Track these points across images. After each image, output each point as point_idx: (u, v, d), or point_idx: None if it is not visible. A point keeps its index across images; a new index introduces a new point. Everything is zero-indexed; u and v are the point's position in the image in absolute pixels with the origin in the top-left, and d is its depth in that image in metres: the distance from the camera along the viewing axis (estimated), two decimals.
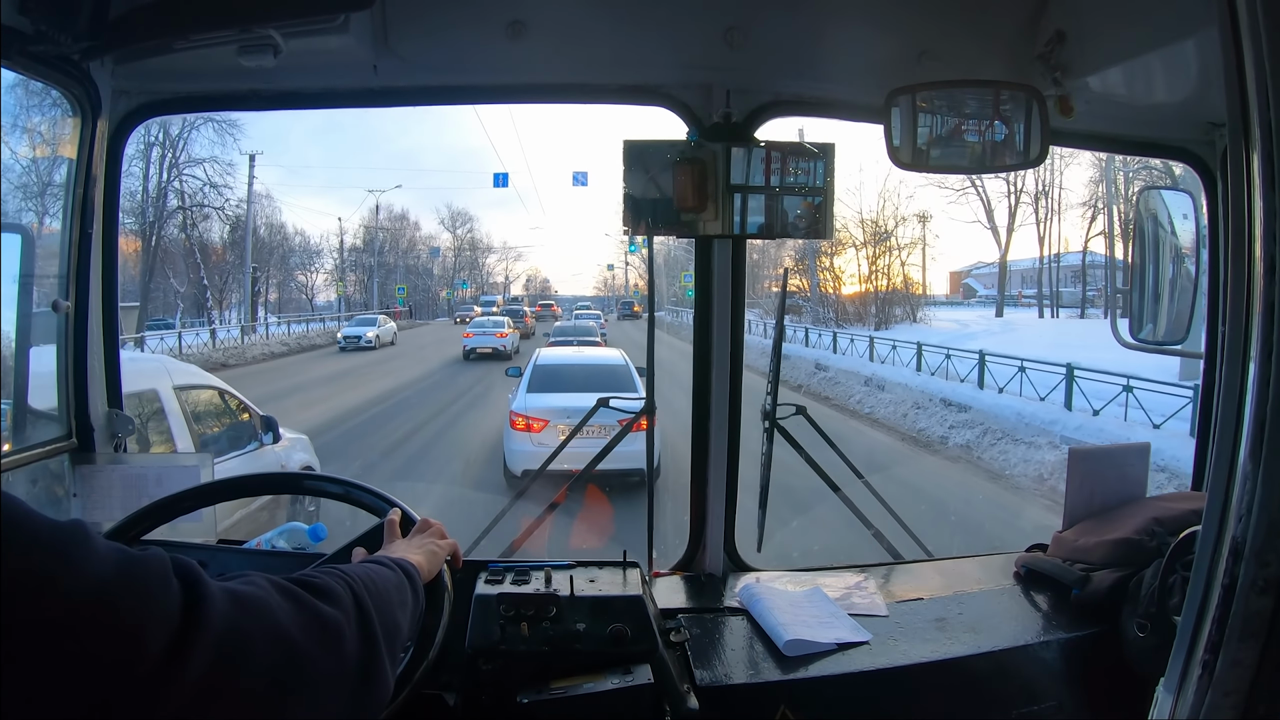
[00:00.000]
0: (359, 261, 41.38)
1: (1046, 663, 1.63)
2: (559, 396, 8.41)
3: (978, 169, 1.69)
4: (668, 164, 1.74)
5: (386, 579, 0.97)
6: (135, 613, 0.62)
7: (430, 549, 1.21)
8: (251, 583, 0.76)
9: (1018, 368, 14.01)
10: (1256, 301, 0.74)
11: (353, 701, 0.80)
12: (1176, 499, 1.91)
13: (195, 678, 0.63)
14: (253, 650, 0.69)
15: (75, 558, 0.60)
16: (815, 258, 31.20)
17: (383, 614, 0.88)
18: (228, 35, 1.59)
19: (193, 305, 31.40)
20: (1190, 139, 1.99)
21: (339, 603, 0.83)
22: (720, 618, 1.75)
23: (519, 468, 8.04)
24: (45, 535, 0.59)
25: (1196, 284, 1.85)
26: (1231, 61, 0.75)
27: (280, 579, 0.81)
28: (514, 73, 1.88)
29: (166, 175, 29.59)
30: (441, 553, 1.24)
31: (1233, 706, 0.75)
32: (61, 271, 1.83)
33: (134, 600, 0.62)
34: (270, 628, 0.72)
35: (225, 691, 0.65)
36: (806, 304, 31.39)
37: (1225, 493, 0.76)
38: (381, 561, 1.03)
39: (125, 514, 1.40)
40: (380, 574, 0.97)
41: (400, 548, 1.20)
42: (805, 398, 14.49)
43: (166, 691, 0.62)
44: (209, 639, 0.65)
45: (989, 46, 1.71)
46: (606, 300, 48.05)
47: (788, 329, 22.75)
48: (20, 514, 0.58)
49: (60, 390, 1.86)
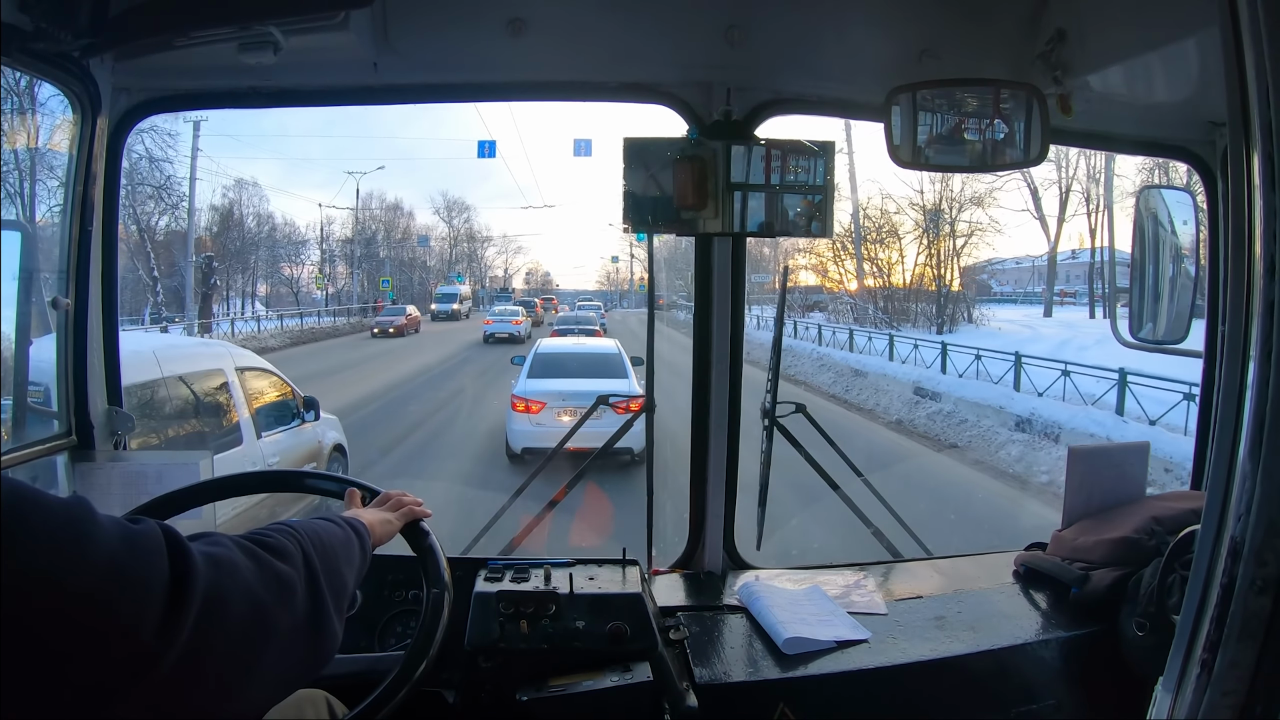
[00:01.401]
0: (348, 253, 39.02)
1: (1045, 661, 1.64)
2: (556, 382, 9.20)
3: (978, 168, 1.69)
4: (668, 162, 1.74)
5: (334, 535, 1.03)
6: (139, 585, 0.68)
7: (383, 516, 1.27)
8: (218, 543, 0.82)
9: (1183, 395, 9.65)
10: (1256, 301, 0.74)
11: (305, 652, 0.86)
12: (1176, 498, 1.91)
13: (185, 638, 0.69)
14: (229, 608, 0.76)
15: (85, 535, 0.66)
16: (860, 244, 27.31)
17: (329, 570, 0.94)
18: (228, 32, 1.59)
19: (174, 299, 28.58)
20: (1190, 138, 1.99)
21: (291, 560, 0.88)
22: (719, 616, 1.75)
23: (519, 445, 8.82)
24: (59, 514, 0.65)
25: (1196, 283, 1.85)
26: (1232, 61, 0.75)
27: (239, 538, 0.86)
28: (514, 70, 1.88)
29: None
30: (396, 519, 1.28)
31: (1231, 706, 0.75)
32: (61, 269, 1.82)
33: (138, 573, 0.68)
34: (241, 587, 0.78)
35: (206, 647, 0.71)
36: (847, 300, 27.53)
37: (1224, 492, 0.75)
38: (332, 519, 1.08)
39: (125, 511, 1.40)
40: (329, 530, 1.02)
41: (354, 512, 1.26)
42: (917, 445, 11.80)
43: (162, 652, 0.67)
44: (197, 601, 0.71)
45: (989, 45, 1.71)
46: (610, 295, 47.18)
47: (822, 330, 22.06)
48: (29, 497, 0.63)
49: (60, 387, 1.86)
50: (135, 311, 26.49)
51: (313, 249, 37.53)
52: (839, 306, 28.39)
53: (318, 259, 37.65)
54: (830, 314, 27.96)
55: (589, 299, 43.54)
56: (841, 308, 28.14)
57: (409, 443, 10.27)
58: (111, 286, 1.91)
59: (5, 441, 1.83)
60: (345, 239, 38.82)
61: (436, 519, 1.36)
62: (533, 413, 8.83)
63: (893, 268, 27.42)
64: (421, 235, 43.02)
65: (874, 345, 20.28)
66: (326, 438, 6.66)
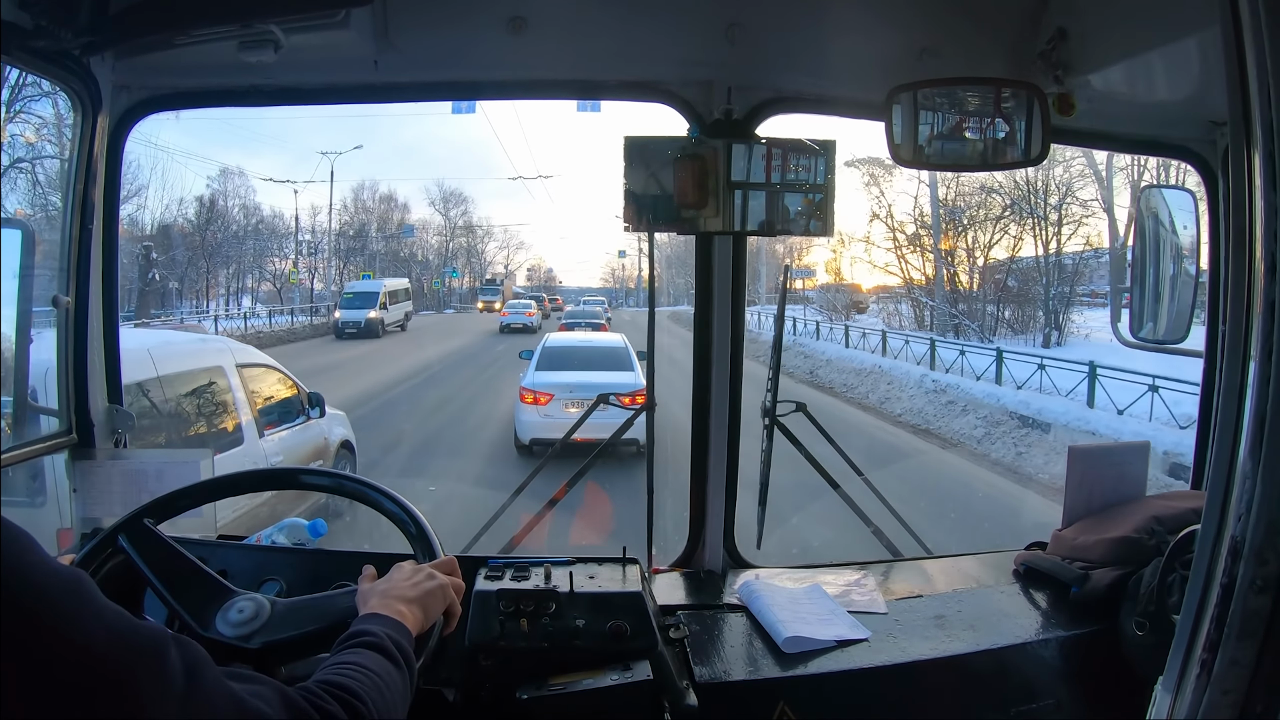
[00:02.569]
0: (336, 247, 35.63)
1: (1045, 661, 1.64)
2: (564, 374, 9.37)
3: (978, 167, 1.69)
4: (668, 160, 1.74)
5: (393, 683, 0.95)
6: (125, 692, 0.62)
7: (425, 598, 1.14)
8: (260, 696, 0.75)
9: None
10: (1257, 300, 0.74)
11: None
12: (1176, 497, 1.91)
13: None
14: None
15: (73, 615, 0.60)
16: (942, 233, 21.74)
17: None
18: (228, 30, 1.59)
19: (156, 298, 27.31)
20: (1191, 137, 1.98)
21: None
22: (719, 614, 1.75)
23: (528, 437, 8.94)
24: (53, 587, 0.60)
25: (1197, 282, 1.85)
26: (1233, 60, 0.75)
27: (295, 692, 0.80)
28: (515, 68, 1.88)
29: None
30: (436, 601, 1.15)
31: (1231, 705, 0.75)
32: (62, 267, 1.83)
33: (124, 677, 0.62)
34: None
35: None
36: (925, 300, 22.04)
37: (1225, 491, 0.76)
38: (384, 648, 0.99)
39: (125, 509, 1.40)
40: (388, 677, 0.95)
41: (400, 592, 1.12)
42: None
43: None
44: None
45: (990, 44, 1.71)
46: (615, 292, 46.04)
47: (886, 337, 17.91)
48: (26, 563, 0.59)
49: (60, 386, 1.86)
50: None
51: (290, 241, 34.38)
52: (893, 305, 23.98)
53: (297, 252, 34.32)
54: (884, 315, 23.35)
55: (594, 296, 43.06)
56: (893, 308, 23.72)
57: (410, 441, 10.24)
58: (112, 285, 1.91)
59: (6, 439, 1.83)
60: (335, 231, 35.72)
61: (437, 518, 1.36)
62: (541, 404, 9.01)
63: (979, 258, 21.75)
64: (407, 225, 39.14)
65: (969, 362, 14.82)
66: (333, 434, 6.47)
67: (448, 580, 1.19)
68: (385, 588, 1.13)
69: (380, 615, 1.06)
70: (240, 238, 32.92)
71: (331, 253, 35.55)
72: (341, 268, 35.81)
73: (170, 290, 29.26)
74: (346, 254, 36.42)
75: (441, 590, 1.16)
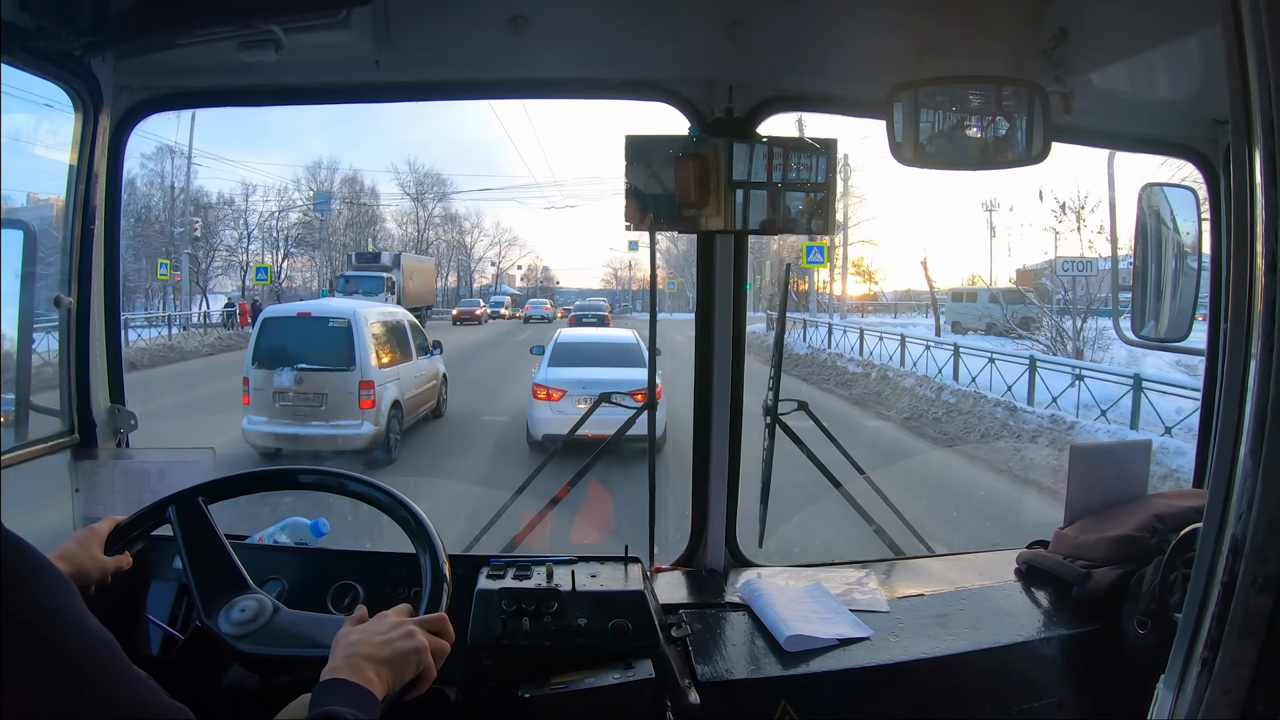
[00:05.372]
0: (299, 237, 31.94)
1: (1047, 659, 1.64)
2: (577, 370, 9.42)
3: (980, 165, 1.68)
4: (670, 159, 1.74)
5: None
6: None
7: (396, 660, 1.06)
8: None
9: None
10: (1258, 299, 0.74)
11: None
12: (1177, 496, 1.91)
13: None
14: None
15: (100, 679, 0.64)
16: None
17: None
18: (229, 30, 1.59)
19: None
20: (1193, 136, 1.98)
21: None
22: (721, 613, 1.75)
23: (540, 432, 9.00)
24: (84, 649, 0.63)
25: (1198, 281, 1.85)
26: (1234, 58, 0.75)
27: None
28: (516, 67, 1.88)
29: None
30: (408, 666, 1.07)
31: (1232, 704, 0.75)
32: (64, 267, 1.83)
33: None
34: None
35: None
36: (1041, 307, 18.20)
37: (1226, 490, 0.76)
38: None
39: (127, 509, 1.40)
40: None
41: (371, 650, 1.05)
42: None
43: None
44: None
45: (991, 42, 1.71)
46: (617, 294, 43.84)
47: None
48: (64, 619, 0.62)
49: (62, 385, 1.86)
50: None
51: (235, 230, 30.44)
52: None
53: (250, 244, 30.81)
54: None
55: (595, 298, 42.44)
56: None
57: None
58: (114, 284, 1.91)
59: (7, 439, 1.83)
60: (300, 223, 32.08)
61: (438, 517, 1.35)
62: (553, 400, 9.03)
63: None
64: (320, 192, 32.41)
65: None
66: (440, 366, 11.35)
67: (426, 643, 1.10)
68: (359, 639, 1.07)
69: (346, 684, 0.99)
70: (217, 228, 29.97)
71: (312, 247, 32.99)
72: (317, 261, 33.28)
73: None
74: (318, 245, 33.04)
75: (417, 654, 1.08)
